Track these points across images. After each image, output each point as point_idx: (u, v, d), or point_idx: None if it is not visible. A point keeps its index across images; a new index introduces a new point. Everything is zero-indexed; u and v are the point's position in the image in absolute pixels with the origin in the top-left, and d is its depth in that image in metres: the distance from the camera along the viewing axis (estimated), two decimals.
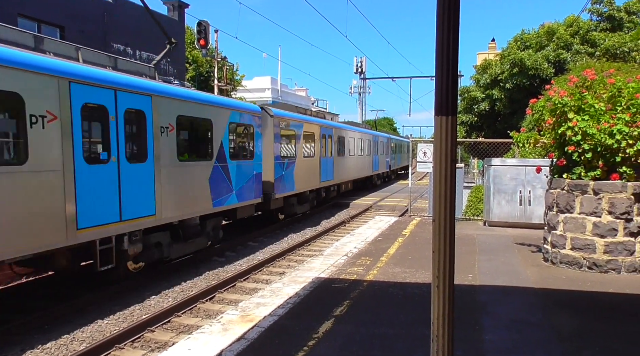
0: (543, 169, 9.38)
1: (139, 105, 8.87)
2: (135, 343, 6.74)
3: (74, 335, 6.99)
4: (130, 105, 8.65)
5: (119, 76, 8.57)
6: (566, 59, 23.04)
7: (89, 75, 7.80)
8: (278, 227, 15.72)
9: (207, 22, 20.76)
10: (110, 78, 8.28)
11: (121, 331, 6.81)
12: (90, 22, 17.97)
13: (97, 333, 7.12)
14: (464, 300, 6.42)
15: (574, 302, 6.49)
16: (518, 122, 22.71)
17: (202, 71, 29.86)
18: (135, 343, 6.75)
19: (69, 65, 7.56)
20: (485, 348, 4.95)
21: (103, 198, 7.97)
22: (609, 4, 24.82)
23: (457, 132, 8.67)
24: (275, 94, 46.85)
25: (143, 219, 8.93)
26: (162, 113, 9.44)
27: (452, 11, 2.18)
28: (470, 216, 14.62)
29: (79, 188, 7.46)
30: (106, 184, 8.06)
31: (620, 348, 4.96)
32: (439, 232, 2.27)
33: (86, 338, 6.91)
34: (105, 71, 8.44)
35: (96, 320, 7.56)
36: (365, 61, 44.65)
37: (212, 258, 11.68)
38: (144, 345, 6.74)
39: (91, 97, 7.81)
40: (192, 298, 8.35)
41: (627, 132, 7.55)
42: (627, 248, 7.74)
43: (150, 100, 9.11)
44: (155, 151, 9.23)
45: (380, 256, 9.33)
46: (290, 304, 6.48)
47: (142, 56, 20.76)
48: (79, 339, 6.89)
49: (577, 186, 7.99)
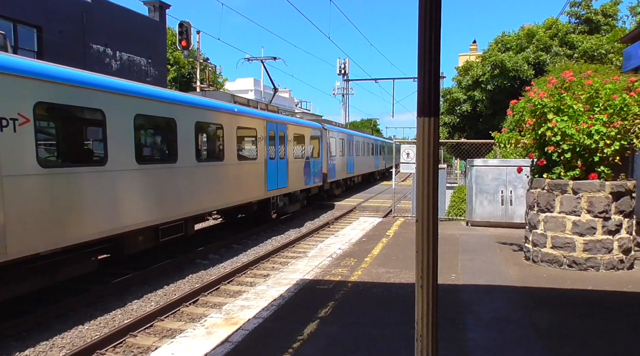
0: (524, 169, 9.50)
1: (297, 131, 18.12)
2: (117, 348, 6.64)
3: (53, 341, 6.86)
4: (285, 130, 16.95)
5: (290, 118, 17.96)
6: (546, 61, 23.42)
7: (291, 120, 18.31)
8: (262, 229, 15.66)
9: (188, 23, 20.60)
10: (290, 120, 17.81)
11: (102, 336, 6.70)
12: (69, 23, 17.68)
13: (78, 338, 7.00)
14: (447, 299, 6.47)
15: (555, 300, 6.59)
16: (499, 123, 23.01)
17: (184, 72, 29.65)
18: (117, 348, 6.65)
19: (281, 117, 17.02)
20: (469, 347, 4.99)
21: (273, 177, 15.49)
22: (586, 7, 25.30)
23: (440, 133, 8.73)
24: (258, 95, 46.70)
25: (284, 189, 16.48)
26: (291, 133, 17.43)
27: (433, 13, 2.20)
28: (453, 216, 14.74)
29: (268, 172, 15.08)
30: (274, 170, 15.52)
31: (598, 343, 5.05)
32: (422, 232, 2.28)
33: (66, 344, 6.79)
34: (280, 116, 17.02)
35: (76, 326, 7.43)
36: (349, 62, 44.74)
37: (196, 261, 11.59)
38: (126, 350, 6.65)
39: (274, 128, 15.77)
40: (176, 302, 8.26)
41: (605, 133, 7.69)
42: (606, 246, 7.88)
43: (285, 127, 17.00)
44: (288, 155, 16.92)
45: (365, 257, 9.35)
46: (275, 306, 6.45)
47: (122, 57, 20.51)
48: (58, 345, 6.77)
49: (557, 186, 8.11)
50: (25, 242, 6.88)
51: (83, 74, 8.31)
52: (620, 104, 7.78)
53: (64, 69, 7.87)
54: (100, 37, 19.08)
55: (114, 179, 8.64)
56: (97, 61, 18.79)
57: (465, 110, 26.04)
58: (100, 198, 8.30)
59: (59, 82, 7.53)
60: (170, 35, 27.00)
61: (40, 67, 7.46)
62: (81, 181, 7.94)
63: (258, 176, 14.71)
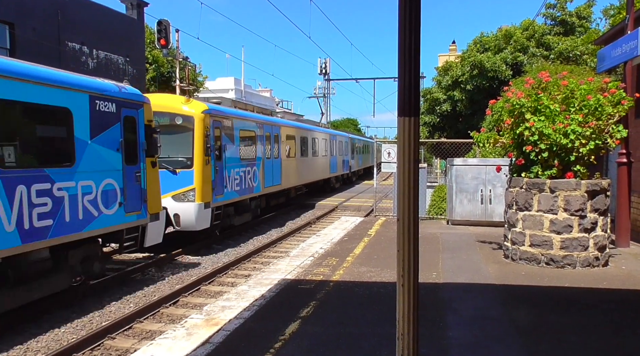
0: (503, 168, 9.64)
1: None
2: (94, 351, 6.53)
3: (27, 346, 6.70)
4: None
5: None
6: (523, 62, 23.75)
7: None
8: (243, 229, 15.58)
9: (167, 21, 20.33)
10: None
11: (79, 339, 6.58)
12: (43, 20, 17.30)
13: (54, 342, 6.85)
14: (428, 297, 6.52)
15: (533, 297, 6.69)
16: (478, 122, 23.26)
17: (163, 71, 29.30)
18: (95, 351, 6.53)
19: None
20: (449, 345, 5.04)
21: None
22: (561, 9, 25.73)
23: (420, 132, 8.74)
24: (239, 94, 46.42)
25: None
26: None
27: (413, 13, 2.21)
28: (434, 215, 14.87)
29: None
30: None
31: (574, 339, 5.15)
32: (404, 231, 2.28)
33: (41, 348, 6.65)
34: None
35: (52, 329, 7.27)
36: (329, 62, 44.72)
37: (176, 262, 11.47)
38: (104, 352, 6.54)
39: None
40: (155, 303, 8.16)
41: (580, 132, 7.84)
42: (582, 244, 8.03)
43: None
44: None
45: (347, 256, 9.37)
46: (257, 306, 6.42)
47: (99, 56, 20.19)
48: (33, 349, 6.61)
49: (535, 185, 8.24)
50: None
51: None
52: (594, 104, 7.94)
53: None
54: (76, 35, 18.72)
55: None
56: (73, 59, 18.45)
57: (445, 110, 26.26)
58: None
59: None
60: (148, 33, 26.65)
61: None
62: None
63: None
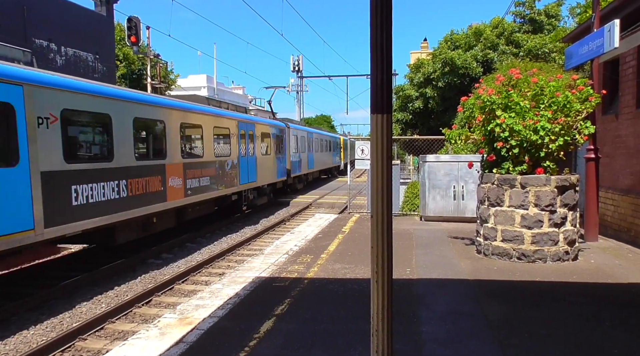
0: (474, 164, 9.77)
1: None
2: (65, 353, 6.39)
3: None
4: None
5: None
6: (493, 59, 24.13)
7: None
8: (217, 227, 15.44)
9: (137, 18, 20.01)
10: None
11: (49, 341, 6.42)
12: (7, 15, 16.76)
13: (22, 344, 6.68)
14: (402, 293, 6.58)
15: (505, 291, 6.82)
16: (450, 119, 23.53)
17: (134, 69, 28.79)
18: (66, 353, 6.39)
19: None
20: (423, 339, 5.09)
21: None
22: (530, 7, 26.24)
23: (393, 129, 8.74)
24: (211, 92, 45.92)
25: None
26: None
27: (384, 11, 2.21)
28: (407, 211, 15.00)
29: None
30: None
31: (545, 332, 5.26)
32: (377, 228, 2.29)
33: (9, 351, 6.46)
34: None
35: (20, 331, 7.09)
36: (302, 59, 44.76)
37: (148, 261, 11.29)
38: (75, 354, 6.40)
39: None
40: (128, 303, 8.03)
41: (550, 129, 8.01)
42: (552, 238, 8.21)
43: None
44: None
45: (321, 253, 9.38)
46: (231, 305, 6.37)
47: (67, 53, 19.68)
48: (0, 352, 6.43)
49: (506, 181, 8.39)
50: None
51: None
52: (563, 101, 8.12)
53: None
54: (42, 31, 18.20)
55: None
56: (41, 56, 17.92)
57: (417, 107, 26.49)
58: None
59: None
60: (118, 30, 26.12)
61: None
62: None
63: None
